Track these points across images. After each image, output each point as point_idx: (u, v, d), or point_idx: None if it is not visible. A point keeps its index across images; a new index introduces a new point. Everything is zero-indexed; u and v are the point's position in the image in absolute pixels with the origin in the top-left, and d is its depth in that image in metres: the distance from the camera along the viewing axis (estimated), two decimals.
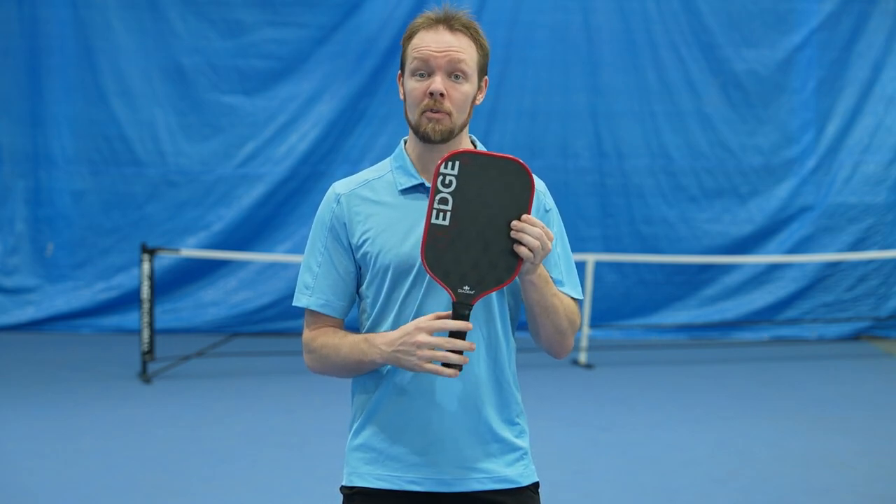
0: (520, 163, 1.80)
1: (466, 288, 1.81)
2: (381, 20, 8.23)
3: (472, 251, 1.80)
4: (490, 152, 1.82)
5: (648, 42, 8.37)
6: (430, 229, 1.80)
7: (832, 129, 8.53)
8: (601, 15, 8.34)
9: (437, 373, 1.80)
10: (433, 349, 1.79)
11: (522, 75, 8.34)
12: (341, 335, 1.95)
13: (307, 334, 2.00)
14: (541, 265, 1.85)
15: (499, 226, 1.80)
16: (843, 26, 8.44)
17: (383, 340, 1.86)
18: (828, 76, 8.49)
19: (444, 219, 1.80)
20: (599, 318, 8.06)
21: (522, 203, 1.80)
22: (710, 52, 8.40)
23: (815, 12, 8.42)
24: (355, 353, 1.91)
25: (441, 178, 1.79)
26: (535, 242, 1.78)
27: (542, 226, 1.80)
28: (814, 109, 8.51)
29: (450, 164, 1.79)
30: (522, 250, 1.79)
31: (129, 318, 8.20)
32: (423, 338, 1.80)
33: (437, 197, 1.80)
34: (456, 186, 1.79)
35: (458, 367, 1.80)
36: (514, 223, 1.79)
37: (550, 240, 1.81)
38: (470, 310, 1.81)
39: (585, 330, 7.23)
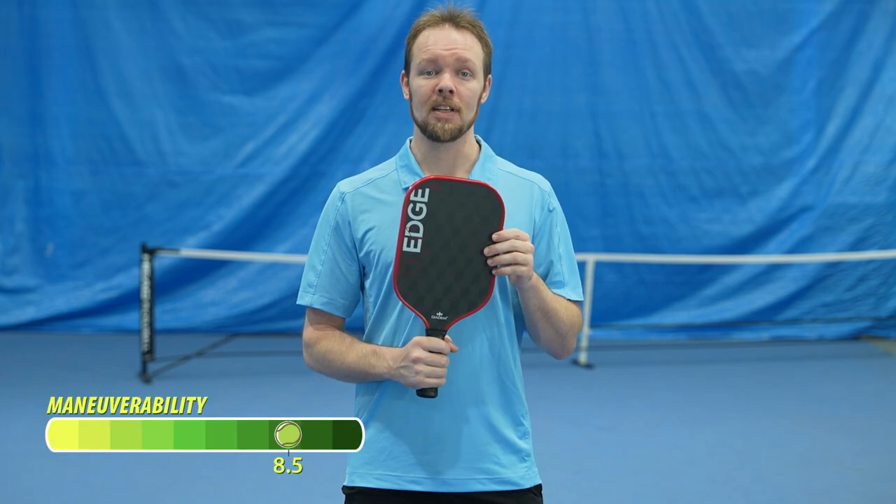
0: (489, 187, 1.82)
1: (440, 314, 1.83)
2: (381, 20, 8.23)
3: (446, 278, 1.82)
4: (459, 178, 1.82)
5: (648, 42, 8.36)
6: (402, 257, 1.82)
7: (832, 129, 8.52)
8: (601, 15, 8.33)
9: (435, 385, 1.83)
10: (430, 364, 1.82)
11: (522, 75, 8.34)
12: (348, 342, 1.95)
13: (310, 333, 2.00)
14: (533, 272, 1.85)
15: (470, 252, 1.81)
16: (843, 26, 8.44)
17: (392, 355, 1.88)
18: (828, 76, 8.48)
19: (415, 246, 1.81)
20: (599, 318, 8.05)
21: (493, 227, 1.81)
22: (710, 52, 8.40)
23: (815, 12, 8.42)
24: (362, 364, 1.92)
25: (412, 205, 1.80)
26: (506, 258, 1.80)
27: (512, 235, 1.81)
28: (814, 109, 8.51)
29: (419, 191, 1.80)
30: (504, 271, 1.81)
31: (129, 318, 8.20)
32: (420, 353, 1.82)
33: (408, 225, 1.80)
34: (426, 213, 1.80)
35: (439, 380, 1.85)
36: (487, 248, 1.81)
37: (525, 240, 1.81)
38: (444, 335, 1.84)
39: (585, 330, 7.23)
